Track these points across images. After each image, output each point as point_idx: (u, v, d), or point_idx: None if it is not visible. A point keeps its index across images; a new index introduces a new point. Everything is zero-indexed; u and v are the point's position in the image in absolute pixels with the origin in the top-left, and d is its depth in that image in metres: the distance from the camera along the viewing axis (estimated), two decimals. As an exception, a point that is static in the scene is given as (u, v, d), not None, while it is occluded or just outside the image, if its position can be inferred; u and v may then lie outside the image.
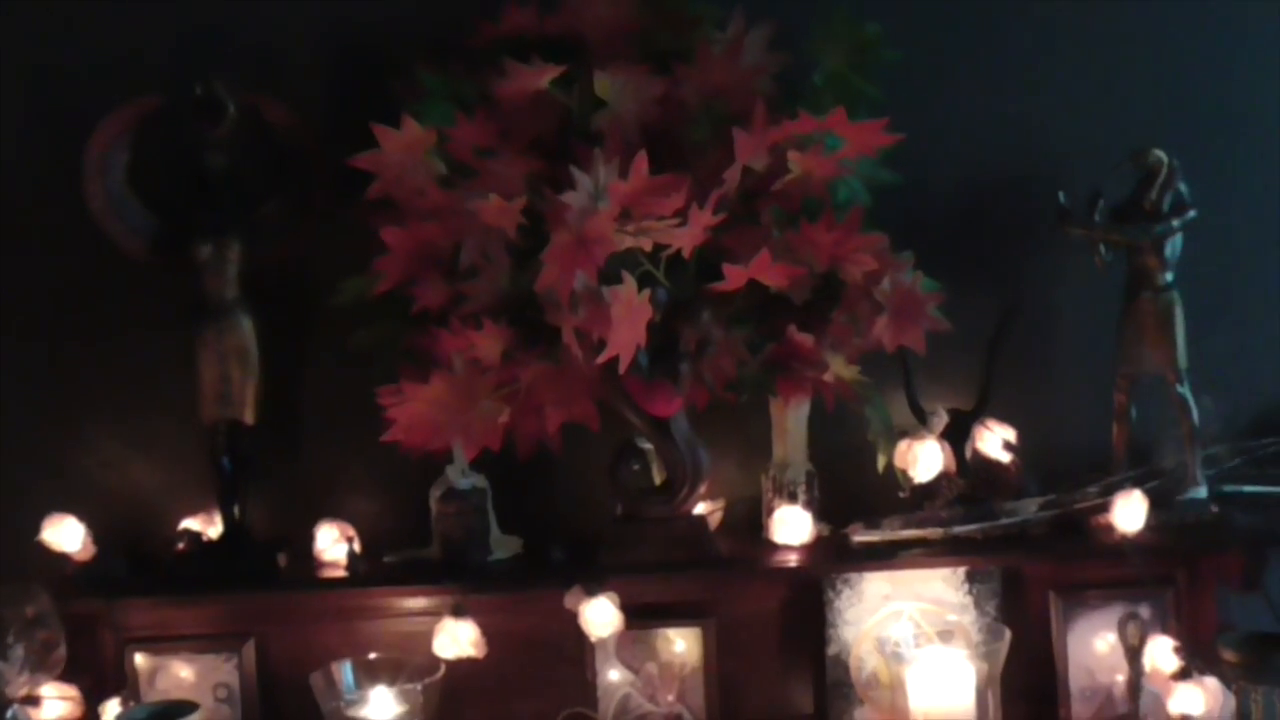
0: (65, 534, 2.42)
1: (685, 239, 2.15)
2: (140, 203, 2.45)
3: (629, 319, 2.15)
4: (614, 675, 2.49)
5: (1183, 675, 2.40)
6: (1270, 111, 2.63)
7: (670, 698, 2.50)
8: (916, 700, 2.35)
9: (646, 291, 2.15)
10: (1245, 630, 2.33)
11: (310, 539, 2.49)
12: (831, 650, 2.49)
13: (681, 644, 2.49)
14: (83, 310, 2.53)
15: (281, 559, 2.46)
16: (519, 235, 2.19)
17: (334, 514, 2.50)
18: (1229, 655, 2.25)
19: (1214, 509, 2.47)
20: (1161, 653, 2.44)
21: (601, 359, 2.15)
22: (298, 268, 2.49)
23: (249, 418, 2.42)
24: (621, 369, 2.17)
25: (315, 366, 2.55)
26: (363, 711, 2.29)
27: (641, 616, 2.43)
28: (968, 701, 2.34)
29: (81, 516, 2.43)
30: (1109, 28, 2.59)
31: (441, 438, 2.30)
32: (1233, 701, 2.31)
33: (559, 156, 2.20)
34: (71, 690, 2.33)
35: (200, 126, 2.39)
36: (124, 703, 2.33)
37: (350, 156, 2.23)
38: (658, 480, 2.42)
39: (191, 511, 2.51)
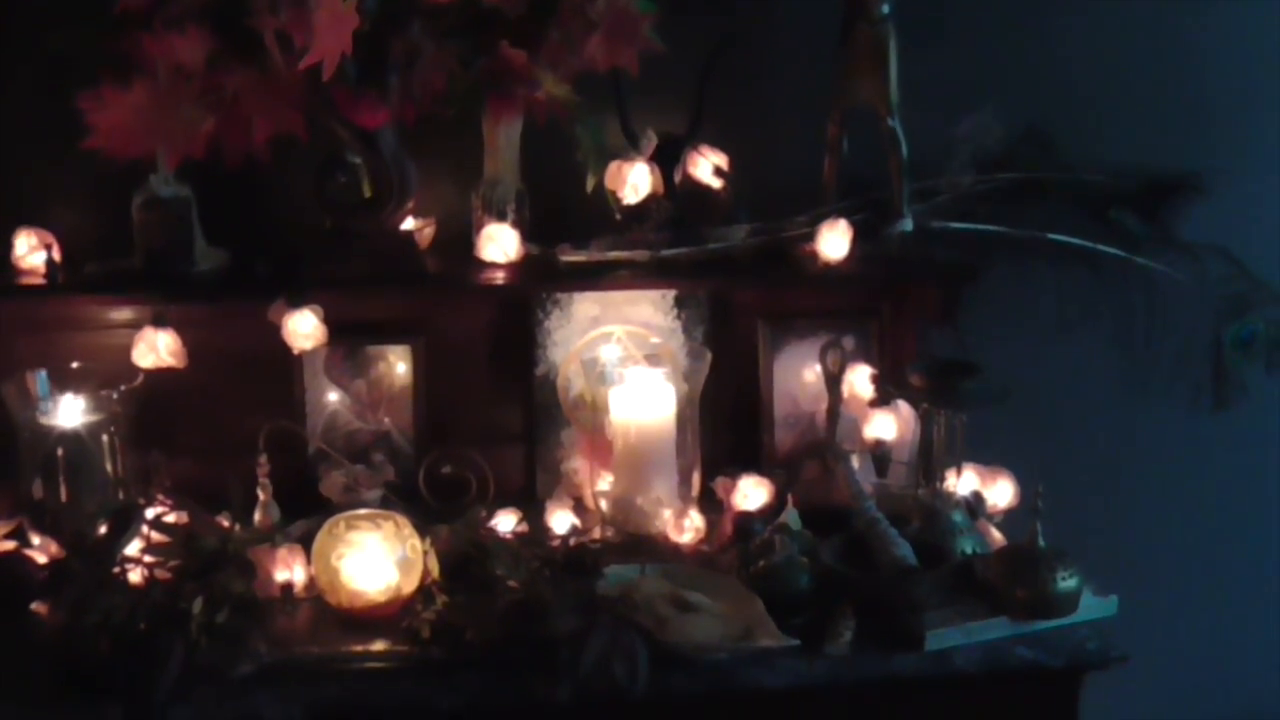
0: None
1: (392, -56, 2.10)
2: None
3: (334, 25, 2.09)
4: (326, 394, 2.49)
5: (878, 402, 2.48)
6: None
7: (380, 416, 2.52)
8: (618, 419, 2.40)
9: (354, -1, 2.10)
10: (931, 357, 2.41)
11: (7, 246, 2.41)
12: (540, 371, 2.52)
13: (401, 365, 2.49)
14: None
15: (-25, 266, 2.39)
16: (225, -66, 2.11)
17: (32, 221, 2.42)
18: (916, 381, 2.33)
19: (918, 243, 2.52)
20: (860, 381, 2.52)
21: (303, 64, 2.10)
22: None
23: (-62, 119, 2.33)
24: (325, 76, 2.11)
25: (11, 69, 2.43)
26: (56, 419, 2.26)
27: (350, 333, 2.44)
28: (667, 419, 2.40)
29: None
30: None
31: (144, 145, 2.23)
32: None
33: None
34: None
35: None
36: None
37: None
38: (366, 195, 2.38)
39: (-120, 217, 2.41)
